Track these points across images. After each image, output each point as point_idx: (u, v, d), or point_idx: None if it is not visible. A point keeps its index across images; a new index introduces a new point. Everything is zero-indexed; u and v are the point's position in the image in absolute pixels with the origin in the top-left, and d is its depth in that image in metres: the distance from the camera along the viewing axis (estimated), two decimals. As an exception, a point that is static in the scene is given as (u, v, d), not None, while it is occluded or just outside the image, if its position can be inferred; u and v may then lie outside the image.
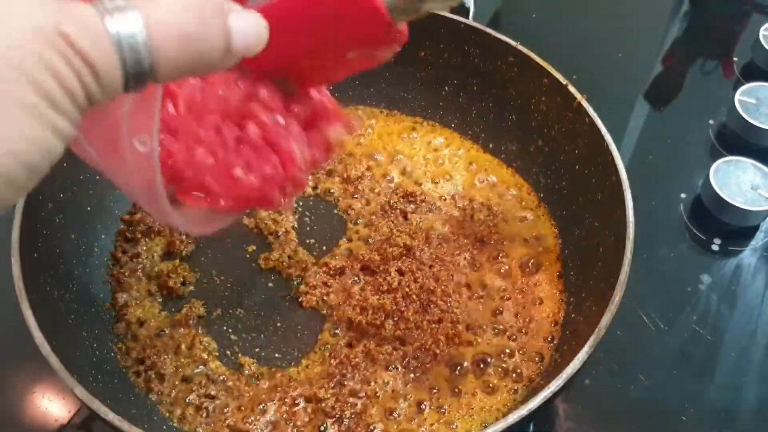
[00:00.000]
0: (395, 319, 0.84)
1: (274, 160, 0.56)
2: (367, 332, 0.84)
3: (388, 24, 0.51)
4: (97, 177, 0.93)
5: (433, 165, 1.03)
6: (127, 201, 0.97)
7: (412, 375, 0.81)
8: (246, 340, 0.85)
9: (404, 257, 0.90)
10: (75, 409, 0.85)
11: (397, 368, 0.81)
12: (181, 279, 0.90)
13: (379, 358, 0.82)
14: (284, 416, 0.78)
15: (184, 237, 0.94)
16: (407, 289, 0.87)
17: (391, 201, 0.97)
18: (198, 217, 0.58)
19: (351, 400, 0.79)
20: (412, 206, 0.97)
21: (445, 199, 0.98)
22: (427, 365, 0.82)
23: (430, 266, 0.90)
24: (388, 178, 1.01)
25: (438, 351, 0.82)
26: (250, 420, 0.78)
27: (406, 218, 0.96)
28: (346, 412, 0.78)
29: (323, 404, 0.78)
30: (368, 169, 1.02)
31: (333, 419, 0.78)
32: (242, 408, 0.79)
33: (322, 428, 0.77)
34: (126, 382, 0.81)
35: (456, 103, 1.07)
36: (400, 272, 0.89)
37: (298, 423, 0.78)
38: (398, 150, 1.05)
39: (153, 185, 0.49)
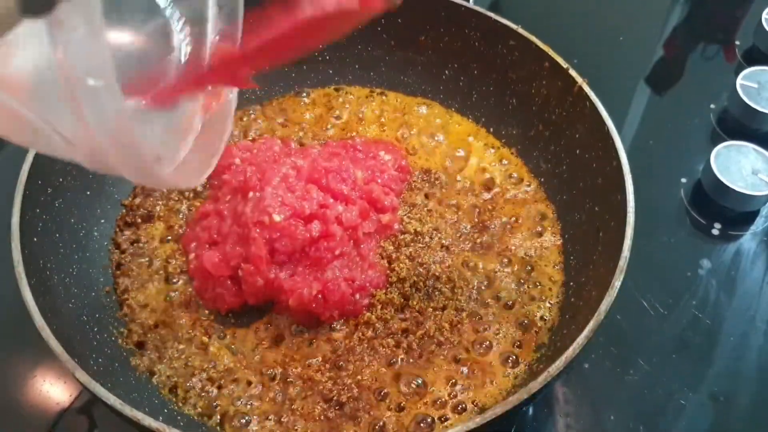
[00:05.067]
0: (402, 311, 0.85)
1: None
2: (373, 325, 0.84)
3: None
4: (97, 161, 0.93)
5: (433, 147, 1.03)
6: (128, 186, 0.97)
7: (413, 362, 0.81)
8: (247, 323, 0.85)
9: (415, 243, 0.91)
10: (76, 392, 0.86)
11: (398, 358, 0.82)
12: (182, 263, 0.90)
13: (380, 350, 0.82)
14: (283, 400, 0.79)
15: (183, 222, 0.94)
16: (415, 278, 0.87)
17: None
18: (180, 169, 0.59)
19: (348, 383, 0.79)
20: (424, 187, 0.98)
21: (447, 183, 0.98)
22: (431, 352, 0.82)
23: (437, 251, 0.90)
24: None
25: (442, 338, 0.83)
26: (250, 402, 0.78)
27: (416, 203, 0.96)
28: (342, 396, 0.78)
29: (321, 387, 0.79)
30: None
31: (329, 402, 0.78)
32: (243, 390, 0.79)
33: (320, 412, 0.78)
34: (127, 366, 0.81)
35: (457, 87, 1.07)
36: (409, 258, 0.89)
37: (295, 407, 0.78)
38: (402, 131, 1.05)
39: (125, 138, 0.47)
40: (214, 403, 0.79)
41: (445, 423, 0.77)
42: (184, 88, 0.61)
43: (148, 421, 0.62)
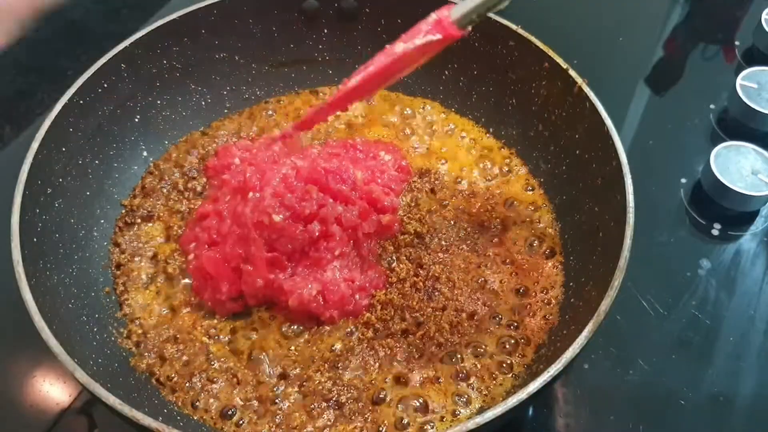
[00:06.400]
0: (402, 311, 0.85)
1: None
2: (372, 326, 0.84)
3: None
4: (96, 162, 0.93)
5: (433, 148, 1.03)
6: (127, 186, 0.97)
7: (413, 362, 0.81)
8: (246, 324, 0.85)
9: (415, 244, 0.91)
10: (76, 393, 0.86)
11: (398, 358, 0.82)
12: (181, 263, 0.90)
13: (379, 350, 0.82)
14: (283, 400, 0.79)
15: (182, 222, 0.94)
16: (415, 278, 0.87)
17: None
18: None
19: (347, 384, 0.79)
20: (424, 187, 0.98)
21: (447, 183, 0.98)
22: (431, 353, 0.82)
23: (437, 252, 0.90)
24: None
25: (441, 339, 0.83)
26: (250, 402, 0.78)
27: (416, 204, 0.96)
28: (342, 397, 0.78)
29: (321, 387, 0.79)
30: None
31: (329, 402, 0.78)
32: (242, 390, 0.79)
33: (319, 412, 0.78)
34: (127, 366, 0.81)
35: (456, 88, 1.07)
36: (409, 259, 0.89)
37: (294, 407, 0.78)
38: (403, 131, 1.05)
39: None
40: (214, 403, 0.79)
41: (445, 423, 0.77)
42: None
43: (147, 421, 0.62)
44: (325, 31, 1.08)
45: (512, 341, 0.83)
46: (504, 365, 0.81)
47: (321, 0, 1.06)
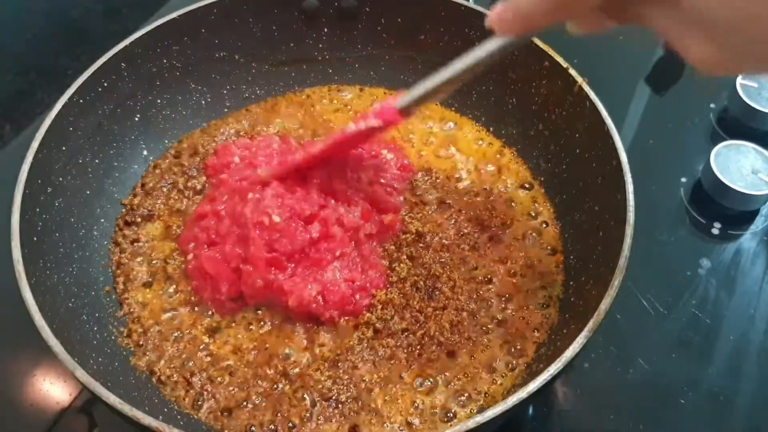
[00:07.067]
0: (402, 311, 0.85)
1: None
2: (372, 325, 0.84)
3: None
4: (96, 161, 0.93)
5: (434, 147, 1.03)
6: (128, 185, 0.97)
7: (413, 361, 0.81)
8: (246, 323, 0.85)
9: (416, 243, 0.91)
10: (76, 392, 0.86)
11: (398, 357, 0.82)
12: (181, 262, 0.90)
13: (380, 350, 0.82)
14: (283, 399, 0.79)
15: (182, 221, 0.94)
16: (415, 278, 0.87)
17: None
18: None
19: (347, 383, 0.79)
20: (426, 186, 0.98)
21: (448, 182, 0.98)
22: (431, 352, 0.82)
23: (438, 251, 0.90)
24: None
25: (442, 338, 0.83)
26: (250, 401, 0.78)
27: (417, 203, 0.96)
28: (342, 396, 0.78)
29: (320, 386, 0.79)
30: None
31: (328, 401, 0.78)
32: (242, 389, 0.79)
33: (319, 411, 0.78)
34: (127, 365, 0.81)
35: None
36: (410, 258, 0.89)
37: (294, 406, 0.78)
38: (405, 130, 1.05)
39: None
40: (214, 402, 0.79)
41: (445, 422, 0.77)
42: None
43: (148, 420, 0.62)
44: (325, 30, 1.08)
45: (512, 340, 0.83)
46: (504, 364, 0.81)
47: (321, -1, 1.06)
